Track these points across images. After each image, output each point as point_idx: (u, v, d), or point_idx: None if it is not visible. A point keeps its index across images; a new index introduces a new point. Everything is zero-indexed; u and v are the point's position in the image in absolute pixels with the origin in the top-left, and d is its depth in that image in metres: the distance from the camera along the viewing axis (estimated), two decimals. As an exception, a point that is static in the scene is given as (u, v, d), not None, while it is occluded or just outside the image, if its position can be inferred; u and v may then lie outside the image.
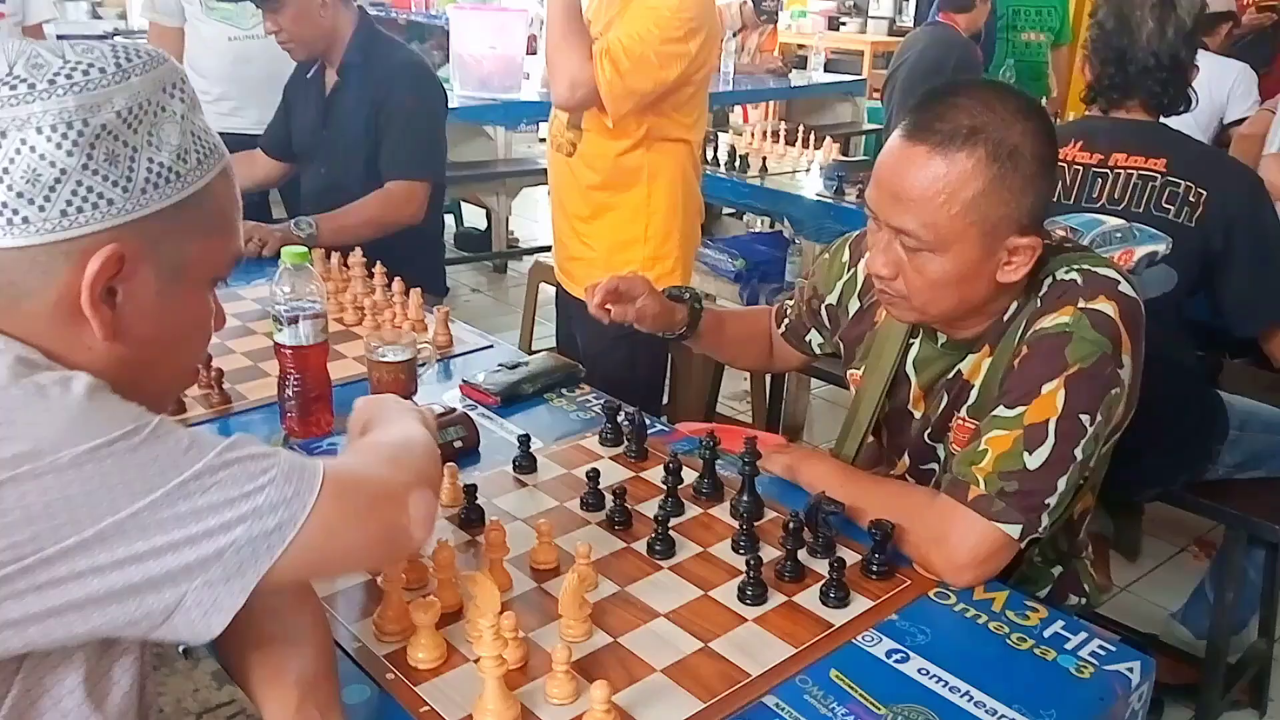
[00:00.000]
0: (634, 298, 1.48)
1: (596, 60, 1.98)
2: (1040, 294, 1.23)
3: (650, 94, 2.03)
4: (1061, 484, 1.16)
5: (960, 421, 1.30)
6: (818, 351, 1.65)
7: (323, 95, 2.43)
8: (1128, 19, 1.84)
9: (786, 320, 1.65)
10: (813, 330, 1.60)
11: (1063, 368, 1.16)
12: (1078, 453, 1.16)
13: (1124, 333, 1.18)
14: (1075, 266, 1.22)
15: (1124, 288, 1.20)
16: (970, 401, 1.29)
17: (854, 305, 1.49)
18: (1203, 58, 1.98)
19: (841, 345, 1.52)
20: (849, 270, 1.50)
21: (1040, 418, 1.16)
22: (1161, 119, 1.89)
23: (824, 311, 1.55)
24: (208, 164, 0.79)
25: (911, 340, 1.38)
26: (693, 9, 2.00)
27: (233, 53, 2.92)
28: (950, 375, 1.33)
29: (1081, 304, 1.18)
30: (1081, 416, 1.15)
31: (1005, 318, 1.27)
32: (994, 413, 1.19)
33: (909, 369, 1.38)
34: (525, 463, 1.39)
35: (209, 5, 2.92)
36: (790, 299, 1.66)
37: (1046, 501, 1.16)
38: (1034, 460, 1.15)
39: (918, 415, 1.38)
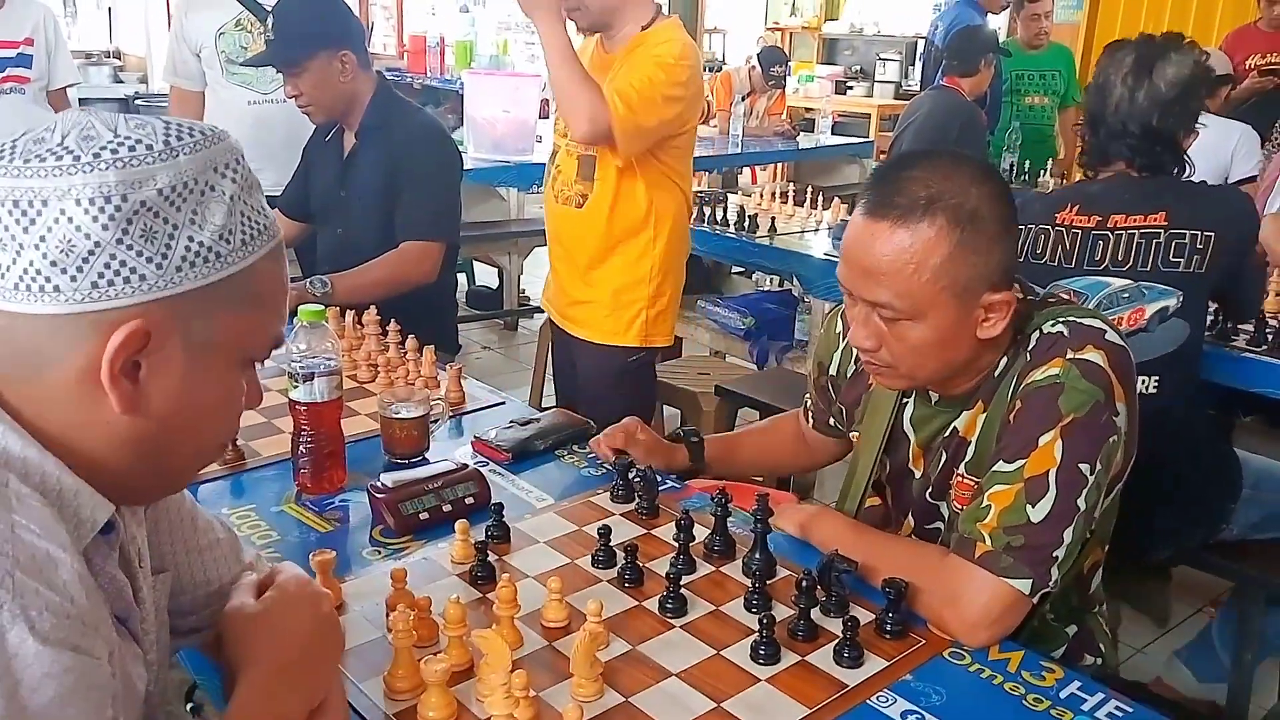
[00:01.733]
0: (633, 437, 1.56)
1: (610, 100, 2.08)
2: (1029, 348, 1.24)
3: (655, 132, 2.16)
4: (1068, 535, 1.16)
5: (960, 479, 1.31)
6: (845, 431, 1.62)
7: (341, 157, 2.48)
8: (1104, 85, 1.89)
9: (811, 414, 1.66)
10: (830, 409, 1.60)
11: (1057, 418, 1.17)
12: (1081, 503, 1.16)
13: (1114, 380, 1.19)
14: (1061, 319, 1.24)
15: (1111, 336, 1.22)
16: (968, 458, 1.30)
17: (850, 369, 1.51)
18: (1205, 119, 2.01)
19: (843, 410, 1.54)
20: (842, 340, 1.52)
21: (1040, 470, 1.16)
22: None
23: (829, 385, 1.56)
24: (254, 245, 0.77)
25: (905, 400, 1.39)
26: (690, 58, 2.17)
27: (252, 116, 2.98)
28: (947, 433, 1.34)
29: (1070, 355, 1.19)
30: (1081, 466, 1.16)
31: (996, 373, 1.28)
32: (993, 468, 1.20)
33: (906, 428, 1.40)
34: (499, 533, 1.35)
35: (229, 70, 2.99)
36: (806, 396, 1.67)
37: (1055, 554, 1.15)
38: (1037, 513, 1.15)
39: (918, 474, 1.39)
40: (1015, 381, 1.24)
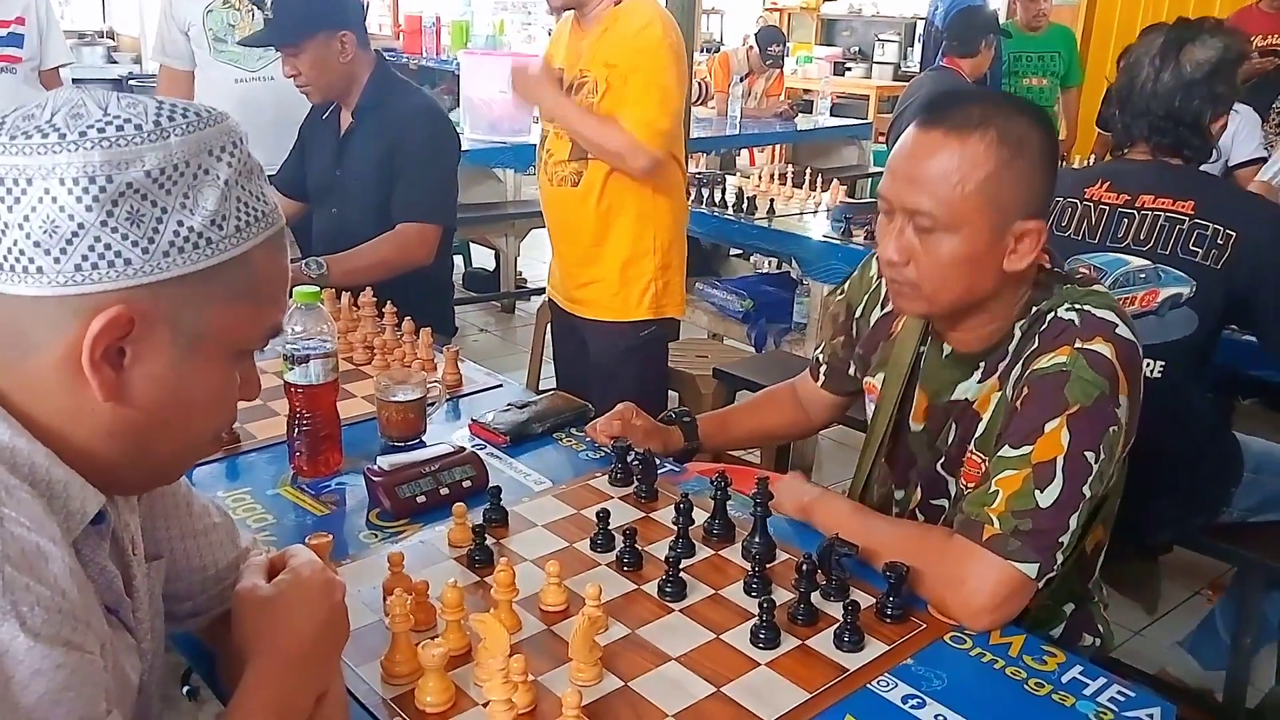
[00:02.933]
0: (628, 421, 1.57)
1: (630, 132, 2.17)
2: (1040, 329, 1.25)
3: (678, 119, 2.25)
4: (1073, 522, 1.17)
5: (970, 455, 1.31)
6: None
7: (337, 136, 2.46)
8: (1134, 63, 1.88)
9: (824, 369, 1.65)
10: (850, 354, 1.59)
11: (1063, 407, 1.17)
12: (1086, 490, 1.17)
13: (1121, 374, 1.19)
14: (1075, 306, 1.23)
15: (1121, 330, 1.22)
16: (979, 434, 1.31)
17: (876, 314, 1.52)
18: None
19: (860, 355, 1.55)
20: (875, 282, 1.52)
21: (1047, 456, 1.17)
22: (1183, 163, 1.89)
23: (854, 326, 1.57)
24: (249, 231, 0.74)
25: (921, 349, 1.40)
26: (670, 34, 2.20)
27: (240, 95, 2.94)
28: (954, 395, 1.34)
29: (1078, 344, 1.20)
30: (1086, 454, 1.17)
31: (1010, 346, 1.28)
32: (1000, 454, 1.20)
33: (915, 386, 1.41)
34: (496, 517, 1.34)
35: (217, 48, 2.96)
36: (818, 350, 1.66)
37: (1060, 540, 1.16)
38: (1045, 498, 1.16)
39: (916, 429, 1.40)
40: (1023, 364, 1.24)
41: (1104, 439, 1.18)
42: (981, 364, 1.32)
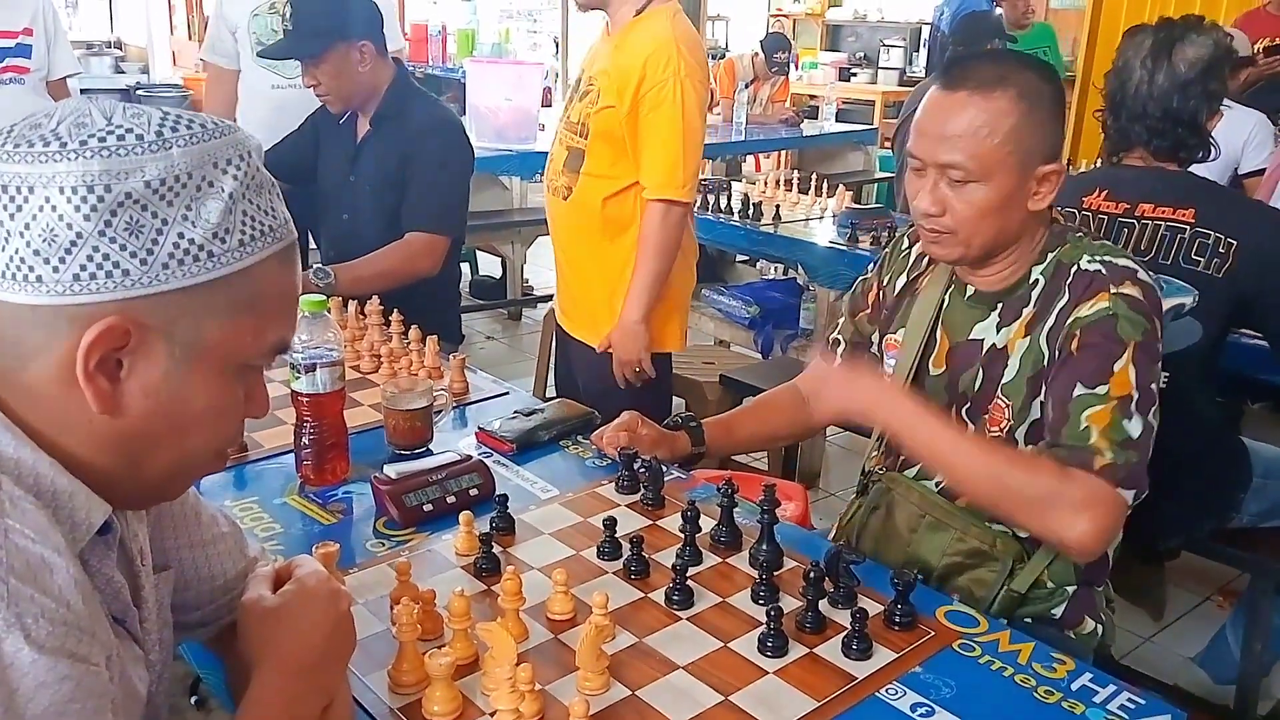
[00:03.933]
0: (634, 431, 1.55)
1: (654, 196, 2.12)
2: (1068, 281, 1.32)
3: (700, 152, 2.20)
4: (1148, 452, 1.24)
5: (997, 401, 1.36)
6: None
7: (354, 142, 2.46)
8: (1124, 67, 1.88)
9: (843, 349, 1.65)
10: (877, 324, 1.60)
11: (1124, 345, 1.26)
12: (1153, 420, 1.25)
13: (1153, 314, 1.29)
14: (1096, 258, 1.32)
15: (1142, 275, 1.31)
16: (1006, 380, 1.36)
17: (901, 281, 1.56)
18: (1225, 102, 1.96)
19: (884, 317, 1.57)
20: (906, 252, 1.57)
21: (1123, 392, 1.25)
22: (1179, 167, 1.88)
23: (883, 293, 1.59)
24: (253, 246, 0.73)
25: (945, 294, 1.46)
26: (689, 50, 2.12)
27: (276, 100, 2.96)
28: (978, 343, 1.39)
29: (1112, 290, 1.29)
30: (1151, 387, 1.26)
31: (1033, 292, 1.36)
32: (1076, 395, 1.26)
33: (938, 331, 1.46)
34: (503, 525, 1.34)
35: (258, 53, 2.98)
36: (835, 332, 1.67)
37: (1145, 467, 1.23)
38: (1134, 428, 1.23)
39: (935, 373, 1.44)
40: (1058, 316, 1.32)
41: (1153, 373, 1.27)
42: (1000, 304, 1.39)
